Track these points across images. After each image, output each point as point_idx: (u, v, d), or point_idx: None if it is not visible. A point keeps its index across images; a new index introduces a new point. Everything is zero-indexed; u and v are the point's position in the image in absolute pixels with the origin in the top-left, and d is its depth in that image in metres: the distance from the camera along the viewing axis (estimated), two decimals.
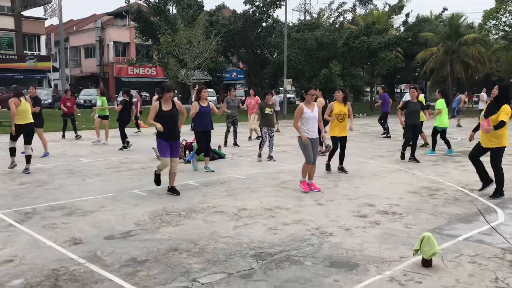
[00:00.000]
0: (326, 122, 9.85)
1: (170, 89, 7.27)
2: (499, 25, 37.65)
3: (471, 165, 7.82)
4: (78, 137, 15.74)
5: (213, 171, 9.42)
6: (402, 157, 10.76)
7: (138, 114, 18.49)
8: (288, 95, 47.85)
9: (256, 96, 15.91)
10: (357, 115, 31.36)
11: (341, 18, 42.74)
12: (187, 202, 6.95)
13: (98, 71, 48.26)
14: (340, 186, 8.15)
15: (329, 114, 9.36)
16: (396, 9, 43.48)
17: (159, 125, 7.13)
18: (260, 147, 11.13)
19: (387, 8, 44.21)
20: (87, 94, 35.00)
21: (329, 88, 37.34)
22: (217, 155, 11.37)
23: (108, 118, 14.67)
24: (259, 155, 11.10)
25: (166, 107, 7.25)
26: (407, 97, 15.59)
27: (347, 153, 9.83)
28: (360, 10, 46.98)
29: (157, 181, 7.74)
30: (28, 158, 9.46)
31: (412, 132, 10.61)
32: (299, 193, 7.60)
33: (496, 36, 39.79)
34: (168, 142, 7.31)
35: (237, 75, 52.36)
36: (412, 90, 10.68)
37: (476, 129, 7.66)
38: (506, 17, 36.90)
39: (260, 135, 16.30)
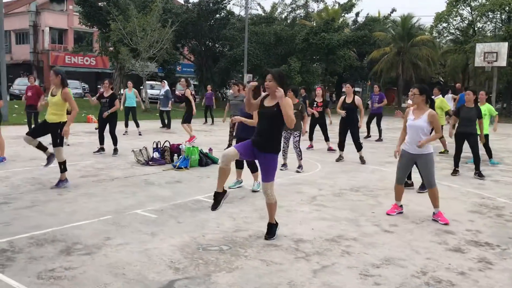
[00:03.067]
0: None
1: None
2: (449, 28, 38.29)
3: (497, 174, 6.75)
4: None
5: (240, 186, 7.70)
6: (455, 173, 9.34)
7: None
8: None
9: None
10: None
11: (294, 14, 41.70)
12: (217, 229, 5.32)
13: (31, 59, 44.21)
14: (384, 203, 6.81)
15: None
16: (347, 7, 43.26)
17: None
18: (283, 155, 9.37)
19: (336, 6, 43.83)
20: (22, 84, 31.61)
21: (287, 85, 36.42)
22: (209, 160, 9.70)
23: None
24: (284, 165, 9.39)
25: None
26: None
27: (354, 160, 8.56)
28: (312, 6, 46.36)
29: (217, 204, 5.13)
30: None
31: (461, 143, 9.28)
32: (346, 213, 6.19)
33: (446, 39, 40.48)
34: None
35: (183, 68, 49.96)
36: (468, 92, 9.36)
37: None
38: (455, 20, 37.56)
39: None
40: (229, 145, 12.15)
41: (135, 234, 5.08)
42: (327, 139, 12.64)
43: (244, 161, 7.47)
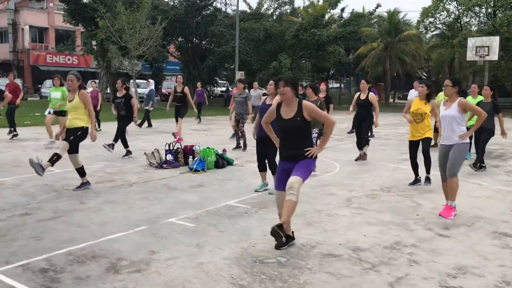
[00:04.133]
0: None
1: None
2: (435, 22, 38.40)
3: None
4: (14, 135, 12.83)
5: (266, 189, 7.22)
6: (480, 167, 9.18)
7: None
8: (224, 89, 45.99)
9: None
10: None
11: (280, 10, 41.32)
12: (265, 239, 4.96)
13: (11, 58, 42.94)
14: (423, 205, 6.54)
15: (406, 111, 7.75)
16: (333, 3, 43.07)
17: None
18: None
19: (321, 2, 43.62)
20: (3, 84, 30.56)
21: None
22: (225, 161, 9.31)
23: (65, 115, 11.76)
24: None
25: None
26: (411, 94, 14.48)
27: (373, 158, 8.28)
28: (298, 2, 46.10)
29: (279, 237, 4.58)
30: None
31: (478, 138, 9.15)
32: (390, 217, 5.89)
33: (432, 34, 40.63)
34: None
35: (166, 66, 49.13)
36: (485, 88, 9.19)
37: None
38: (442, 15, 37.70)
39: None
40: (237, 145, 11.77)
41: (179, 246, 4.69)
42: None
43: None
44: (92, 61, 43.53)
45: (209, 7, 33.84)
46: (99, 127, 15.53)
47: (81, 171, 7.06)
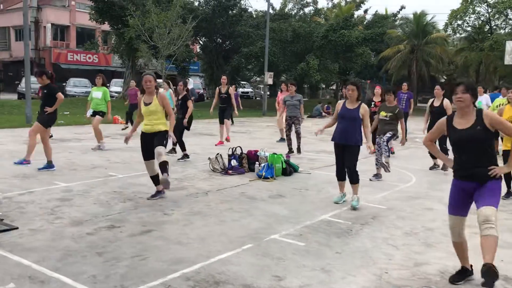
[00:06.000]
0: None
1: None
2: (463, 25, 37.65)
3: None
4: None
5: (345, 200, 6.68)
6: None
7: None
8: (246, 90, 45.54)
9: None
10: (326, 115, 29.64)
11: (306, 10, 40.81)
12: (392, 262, 4.41)
13: (33, 56, 42.68)
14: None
15: None
16: (358, 4, 42.49)
17: None
18: (379, 162, 8.36)
19: (343, 3, 43.00)
20: (32, 83, 30.24)
21: (304, 83, 35.52)
22: (291, 168, 8.77)
23: (103, 116, 11.24)
24: (377, 175, 8.37)
25: None
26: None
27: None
28: (322, 3, 45.58)
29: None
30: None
31: None
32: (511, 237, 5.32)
33: (460, 36, 39.84)
34: None
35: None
36: None
37: None
38: (469, 18, 36.92)
39: (283, 136, 13.85)
40: (290, 150, 11.23)
41: (303, 270, 4.16)
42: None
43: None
44: (112, 59, 43.43)
45: (235, 7, 33.38)
46: (126, 124, 15.16)
47: (156, 179, 6.57)
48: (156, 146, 6.35)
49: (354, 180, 6.42)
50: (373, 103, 11.65)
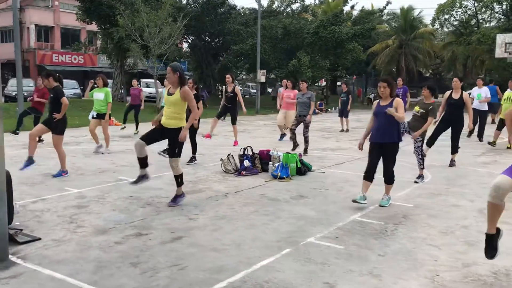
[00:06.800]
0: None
1: None
2: (450, 20, 37.85)
3: None
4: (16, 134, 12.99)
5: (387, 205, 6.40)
6: None
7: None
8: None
9: (295, 89, 13.03)
10: (329, 109, 29.64)
11: (293, 7, 40.61)
12: (438, 264, 4.26)
13: None
14: None
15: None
16: (344, 0, 42.48)
17: None
18: (422, 164, 7.98)
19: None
20: (25, 85, 29.53)
21: (296, 81, 35.29)
22: (305, 167, 8.60)
23: (106, 118, 10.86)
24: (421, 176, 7.99)
25: None
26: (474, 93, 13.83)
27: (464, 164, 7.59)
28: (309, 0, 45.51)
29: (494, 250, 3.89)
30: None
31: None
32: None
33: (447, 31, 40.08)
34: None
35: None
36: None
37: None
38: (456, 12, 37.13)
39: (283, 132, 13.65)
40: (294, 144, 11.03)
41: (352, 276, 3.98)
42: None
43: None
44: (97, 60, 42.78)
45: (223, 5, 33.09)
46: (136, 128, 14.77)
47: (180, 179, 6.22)
48: (169, 157, 6.12)
49: (390, 180, 6.28)
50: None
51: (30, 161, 7.75)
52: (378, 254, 4.50)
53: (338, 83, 51.73)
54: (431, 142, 9.32)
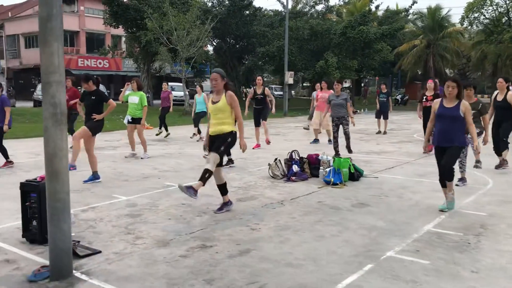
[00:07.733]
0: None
1: None
2: (479, 18, 36.92)
3: None
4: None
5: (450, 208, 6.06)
6: None
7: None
8: None
9: (331, 90, 12.63)
10: (358, 111, 29.06)
11: (317, 8, 40.19)
12: None
13: None
14: None
15: None
16: (369, 0, 41.84)
17: None
18: (462, 168, 7.55)
19: None
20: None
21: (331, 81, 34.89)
22: (358, 172, 8.19)
23: (143, 122, 10.62)
24: (463, 179, 7.56)
25: None
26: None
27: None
28: (333, 0, 45.01)
29: None
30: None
31: None
32: None
33: (476, 30, 39.12)
34: None
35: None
36: None
37: None
38: (486, 10, 36.20)
39: (331, 137, 13.22)
40: (336, 152, 10.63)
41: None
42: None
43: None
44: (122, 64, 42.98)
45: (249, 7, 32.86)
46: (166, 130, 14.56)
47: (224, 188, 6.00)
48: (212, 151, 5.80)
49: (449, 177, 5.85)
50: (425, 97, 11.05)
51: (95, 176, 7.64)
52: (471, 271, 4.09)
53: (362, 84, 51.09)
54: (497, 149, 8.90)
